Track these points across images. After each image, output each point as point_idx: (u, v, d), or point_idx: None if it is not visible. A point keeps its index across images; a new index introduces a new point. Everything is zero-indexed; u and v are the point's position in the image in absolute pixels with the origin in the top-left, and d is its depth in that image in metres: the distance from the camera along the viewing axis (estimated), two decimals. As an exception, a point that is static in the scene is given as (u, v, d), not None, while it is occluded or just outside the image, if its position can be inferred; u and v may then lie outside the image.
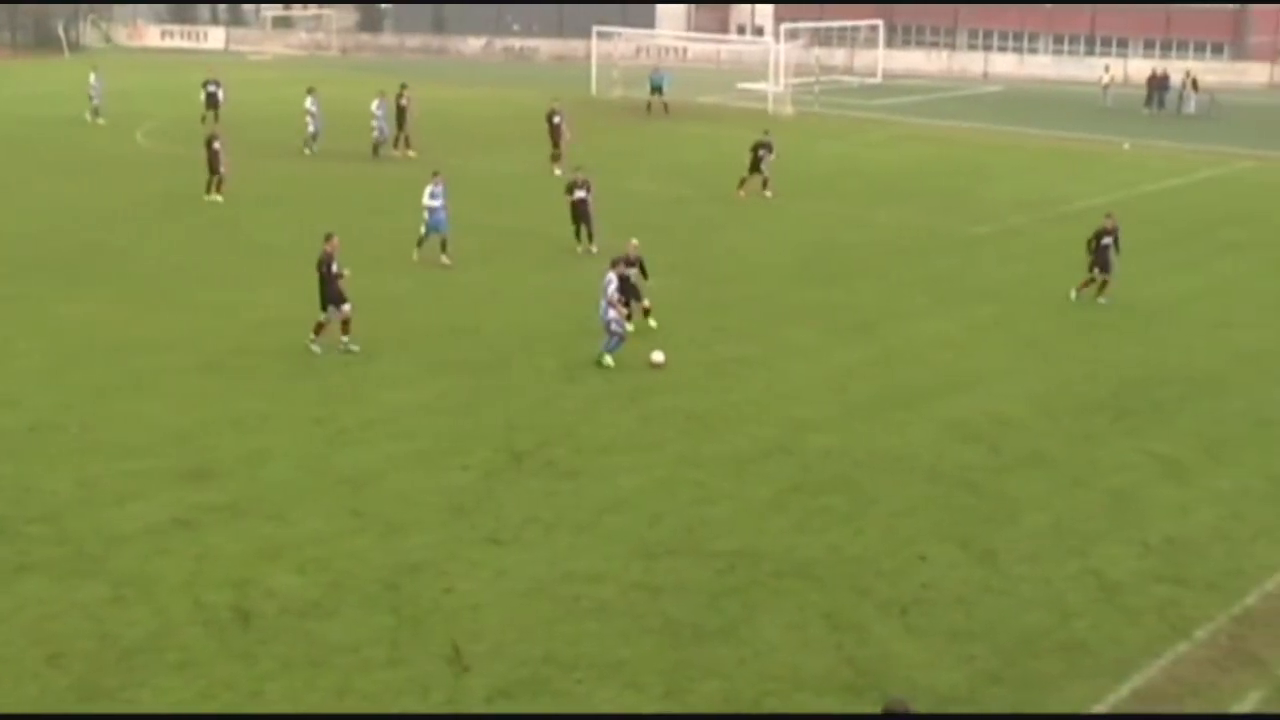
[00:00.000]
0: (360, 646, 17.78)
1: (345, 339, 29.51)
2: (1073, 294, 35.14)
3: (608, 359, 28.95)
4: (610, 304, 28.91)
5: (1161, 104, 77.27)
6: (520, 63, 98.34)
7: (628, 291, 30.16)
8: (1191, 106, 75.94)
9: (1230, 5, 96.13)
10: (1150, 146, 62.88)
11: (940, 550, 20.94)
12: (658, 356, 29.10)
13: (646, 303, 31.30)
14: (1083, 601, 19.50)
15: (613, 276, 29.04)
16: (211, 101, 61.49)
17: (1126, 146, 62.27)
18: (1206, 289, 36.61)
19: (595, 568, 20.08)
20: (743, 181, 47.77)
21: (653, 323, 31.08)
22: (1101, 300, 34.83)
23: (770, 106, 70.69)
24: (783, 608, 19.07)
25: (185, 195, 46.26)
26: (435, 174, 37.77)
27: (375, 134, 54.18)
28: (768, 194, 47.38)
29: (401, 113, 54.85)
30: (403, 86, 55.53)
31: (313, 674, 17.14)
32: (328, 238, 29.78)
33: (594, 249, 38.28)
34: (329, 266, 29.40)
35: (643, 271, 31.28)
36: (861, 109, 73.12)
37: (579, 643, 18.02)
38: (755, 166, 47.76)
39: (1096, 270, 34.99)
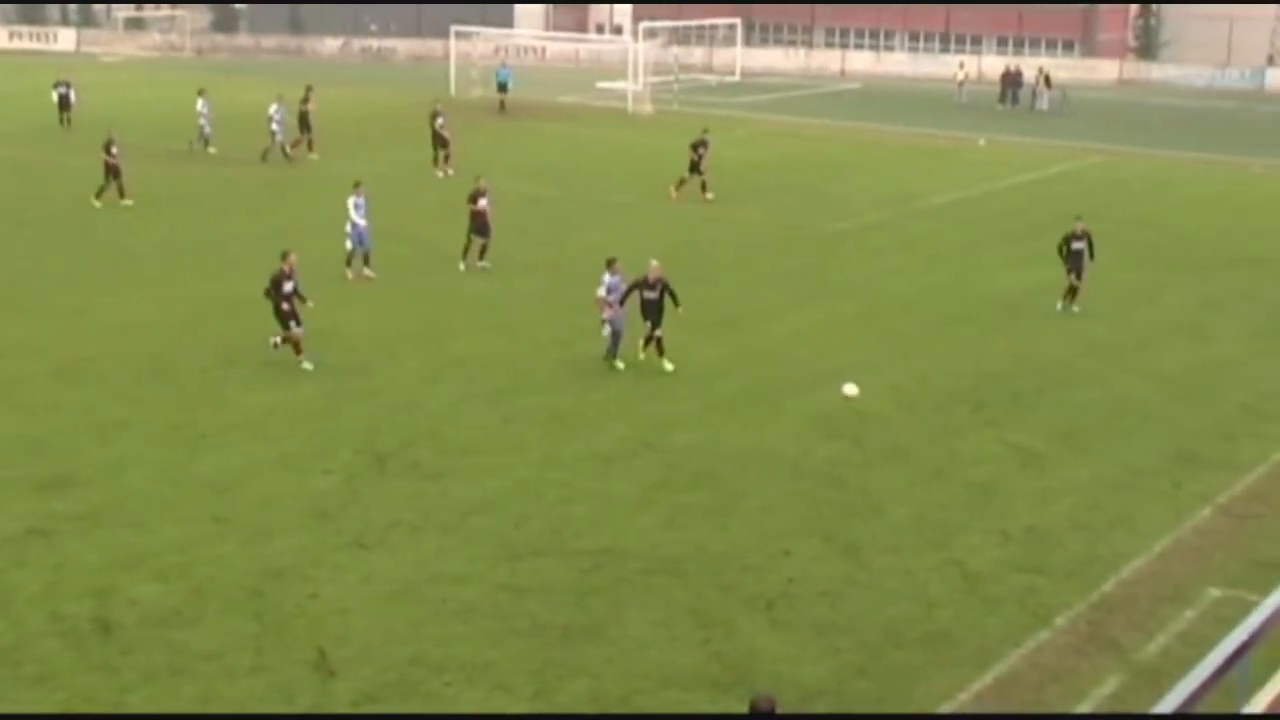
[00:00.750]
0: (224, 654, 17.56)
1: (299, 357, 28.50)
2: (1059, 306, 34.31)
3: (618, 362, 28.96)
4: (607, 304, 28.51)
5: (1015, 100, 78.50)
6: (378, 63, 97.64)
7: (649, 316, 28.68)
8: (1044, 103, 77.23)
9: (1080, 4, 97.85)
10: (1005, 142, 63.83)
11: (805, 545, 21.11)
12: (850, 389, 26.86)
13: (660, 332, 28.80)
14: (945, 592, 19.75)
15: (609, 279, 28.50)
16: (64, 104, 60.45)
17: (982, 142, 63.15)
18: (1059, 281, 37.11)
19: (461, 569, 20.01)
20: (681, 182, 47.15)
21: (668, 365, 28.83)
22: (1075, 308, 34.11)
23: (630, 105, 70.85)
24: (649, 605, 19.12)
25: (40, 199, 45.49)
26: (357, 185, 36.14)
27: (278, 137, 53.40)
28: (709, 196, 46.91)
29: (305, 116, 54.26)
30: (308, 89, 54.98)
31: (175, 683, 16.90)
32: (284, 256, 28.56)
33: (482, 264, 37.01)
34: (279, 286, 28.24)
35: (671, 297, 28.72)
36: (721, 107, 73.43)
37: (446, 645, 17.94)
38: (695, 167, 47.25)
39: (1073, 276, 34.18)
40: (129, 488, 22.65)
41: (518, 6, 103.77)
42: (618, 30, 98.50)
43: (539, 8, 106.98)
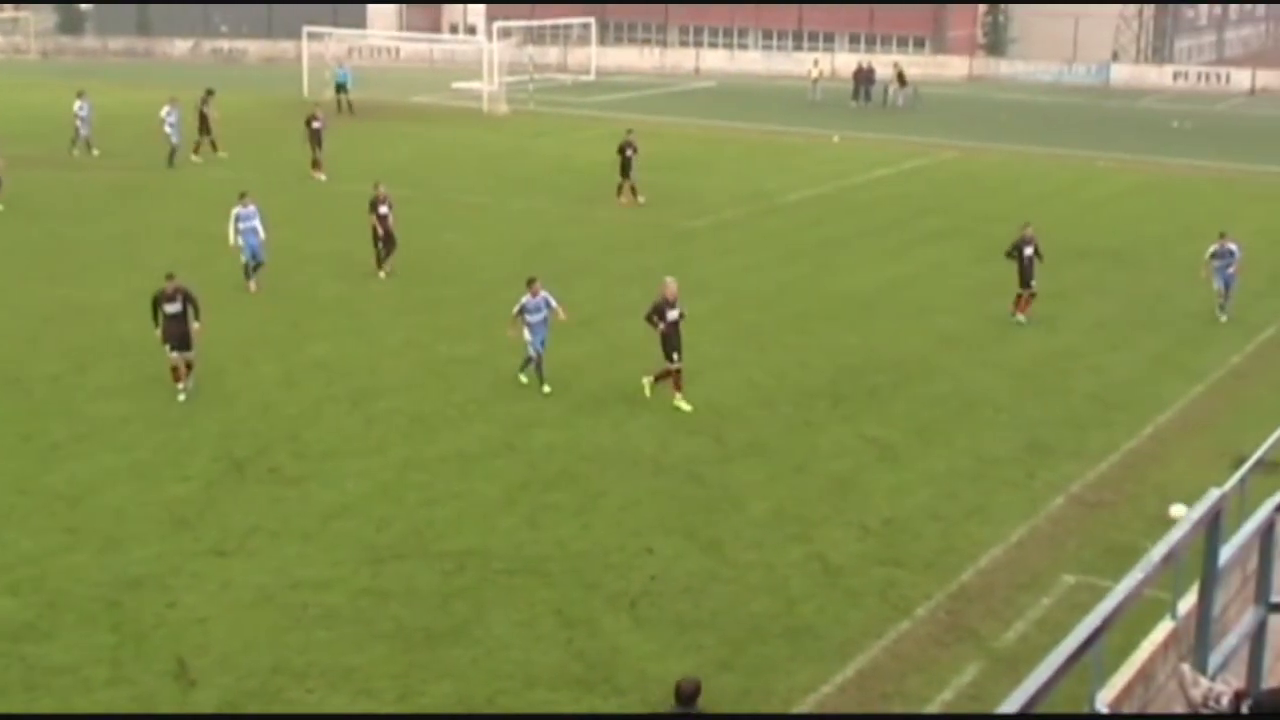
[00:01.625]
0: (80, 667, 17.28)
1: (180, 384, 27.21)
2: (1021, 318, 33.38)
3: (523, 377, 28.18)
4: (522, 324, 27.72)
5: (868, 97, 79.22)
6: (229, 65, 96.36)
7: (670, 342, 26.98)
8: (899, 100, 78.05)
9: (930, 2, 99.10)
10: (859, 139, 64.36)
11: (667, 542, 21.19)
12: (1178, 509, 20.59)
13: (679, 364, 27.03)
14: (807, 586, 19.93)
15: (527, 300, 27.84)
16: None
17: (836, 139, 63.66)
18: (913, 276, 37.67)
19: (323, 574, 19.85)
20: (619, 188, 46.71)
21: (686, 405, 27.04)
22: (1020, 318, 33.31)
23: (485, 105, 70.61)
24: (513, 606, 19.10)
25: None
26: (243, 195, 35.06)
27: (174, 140, 52.31)
28: (641, 200, 46.62)
29: (204, 118, 53.48)
30: (208, 92, 54.20)
31: (30, 698, 16.60)
32: (168, 276, 27.20)
33: (384, 272, 36.23)
34: (159, 307, 26.91)
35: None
36: (576, 106, 73.49)
37: (309, 651, 17.79)
38: (625, 170, 46.78)
39: (1022, 284, 33.29)
40: (-21, 500, 22.21)
41: (370, 7, 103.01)
42: (471, 30, 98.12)
43: (392, 8, 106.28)
